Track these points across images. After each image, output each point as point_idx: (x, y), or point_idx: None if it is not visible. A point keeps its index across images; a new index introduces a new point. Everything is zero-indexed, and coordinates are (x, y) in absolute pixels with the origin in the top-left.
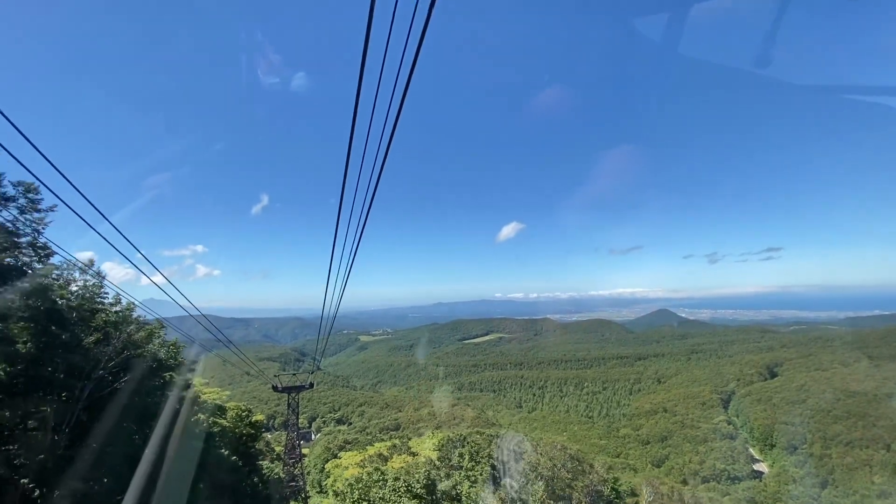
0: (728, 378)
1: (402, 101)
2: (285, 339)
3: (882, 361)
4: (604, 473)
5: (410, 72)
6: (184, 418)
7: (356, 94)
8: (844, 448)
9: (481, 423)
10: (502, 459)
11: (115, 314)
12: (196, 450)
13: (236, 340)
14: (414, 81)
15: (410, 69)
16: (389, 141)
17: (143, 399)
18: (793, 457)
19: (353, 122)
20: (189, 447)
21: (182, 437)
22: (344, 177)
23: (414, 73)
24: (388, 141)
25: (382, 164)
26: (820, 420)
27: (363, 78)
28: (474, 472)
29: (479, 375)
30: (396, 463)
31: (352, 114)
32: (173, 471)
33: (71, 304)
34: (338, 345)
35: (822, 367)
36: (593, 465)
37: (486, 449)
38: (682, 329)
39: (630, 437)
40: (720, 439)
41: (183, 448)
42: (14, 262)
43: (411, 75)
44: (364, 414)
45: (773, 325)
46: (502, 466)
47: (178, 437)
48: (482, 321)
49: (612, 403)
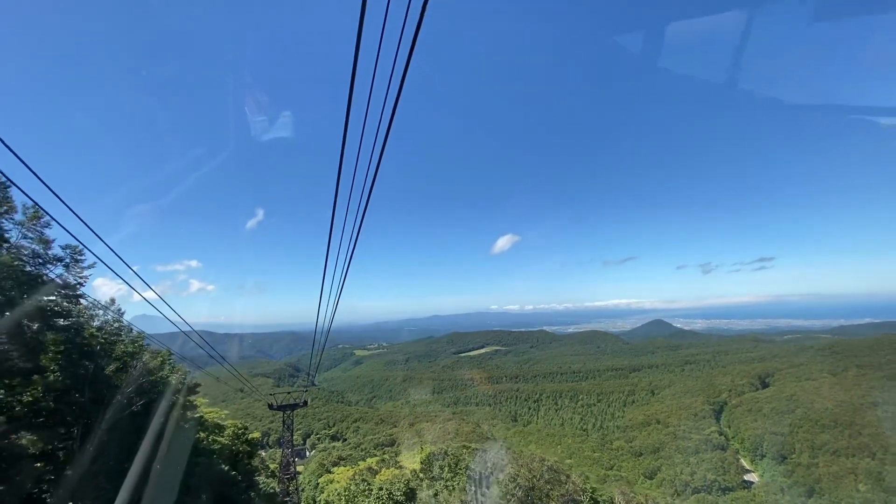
0: (720, 389)
1: (392, 112)
2: (280, 354)
3: (869, 370)
4: (581, 484)
5: (400, 85)
6: (190, 437)
7: (346, 107)
8: (831, 457)
9: (476, 437)
10: (479, 470)
11: (132, 345)
12: (201, 465)
13: (230, 356)
14: (408, 95)
15: (401, 81)
16: (381, 154)
17: (156, 420)
18: (782, 466)
19: (344, 136)
20: (194, 463)
21: (189, 454)
22: (336, 190)
23: (406, 87)
24: (380, 154)
25: (374, 176)
26: (808, 429)
27: (353, 90)
28: (453, 482)
29: (475, 389)
30: (384, 476)
31: (342, 127)
32: (181, 484)
33: (97, 338)
34: (333, 359)
35: (811, 377)
36: (570, 476)
37: (466, 461)
38: (675, 340)
39: (623, 450)
40: (711, 450)
41: (190, 464)
42: (58, 308)
43: (401, 89)
44: (359, 430)
45: (766, 335)
46: (478, 477)
47: (185, 454)
48: (478, 334)
49: (606, 416)
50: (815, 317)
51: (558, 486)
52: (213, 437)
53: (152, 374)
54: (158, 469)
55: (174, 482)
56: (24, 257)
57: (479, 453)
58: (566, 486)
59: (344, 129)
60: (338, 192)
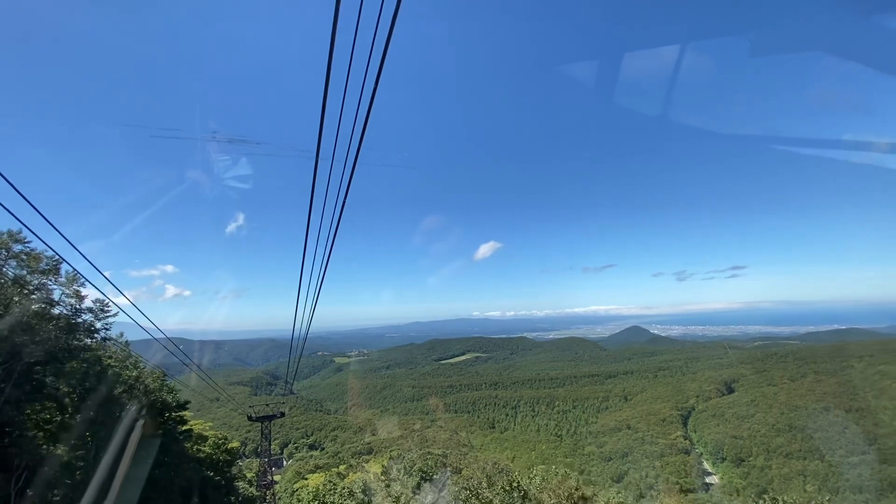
0: (689, 395)
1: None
2: (257, 361)
3: (824, 376)
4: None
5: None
6: (182, 447)
7: (321, 108)
8: (784, 459)
9: (453, 444)
10: (430, 473)
11: (135, 369)
12: (191, 471)
13: (206, 364)
14: (390, 99)
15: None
16: (356, 157)
17: (156, 434)
18: (739, 469)
19: (319, 136)
20: (187, 469)
21: (182, 462)
22: (311, 193)
23: (387, 90)
24: (355, 157)
25: (350, 180)
26: (765, 433)
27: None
28: (406, 483)
29: (455, 396)
30: (351, 479)
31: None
32: (177, 487)
33: (113, 368)
34: (312, 367)
35: (772, 383)
36: (515, 475)
37: (419, 464)
38: (651, 346)
39: (594, 455)
40: (676, 454)
41: (181, 470)
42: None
43: (375, 88)
44: (337, 438)
45: (738, 341)
46: (432, 479)
47: (178, 462)
48: (459, 340)
49: (580, 422)
50: (785, 323)
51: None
52: (198, 446)
53: (153, 393)
54: (157, 473)
55: (169, 486)
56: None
57: (437, 458)
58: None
59: (318, 133)
60: (313, 196)
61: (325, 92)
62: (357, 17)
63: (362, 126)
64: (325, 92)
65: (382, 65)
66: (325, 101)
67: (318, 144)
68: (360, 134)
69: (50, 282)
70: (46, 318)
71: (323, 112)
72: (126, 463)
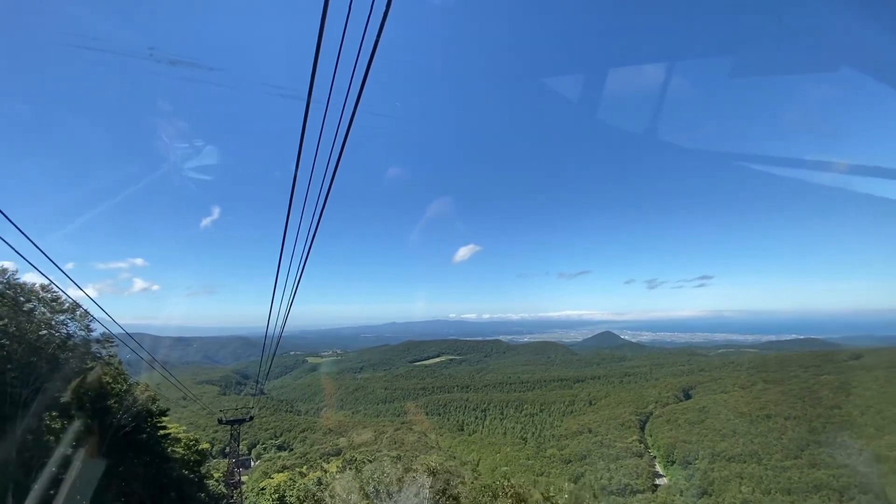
0: (648, 400)
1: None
2: (227, 359)
3: (772, 385)
4: (477, 486)
5: (361, 85)
6: (163, 449)
7: (305, 106)
8: (726, 462)
9: (422, 446)
10: (383, 477)
11: (125, 382)
12: (169, 470)
13: (174, 361)
14: (371, 98)
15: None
16: (339, 157)
17: (139, 437)
18: (685, 471)
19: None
20: (167, 468)
21: (162, 462)
22: (292, 190)
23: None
24: (338, 157)
25: (332, 178)
26: (711, 438)
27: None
28: (355, 480)
29: (427, 399)
30: (310, 477)
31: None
32: (159, 482)
33: (109, 385)
34: (284, 366)
35: (725, 390)
36: (465, 482)
37: (372, 466)
38: (620, 352)
39: (555, 457)
40: (630, 457)
41: (161, 469)
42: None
43: (362, 88)
44: (306, 440)
45: (703, 348)
46: (383, 480)
47: (159, 462)
48: (434, 343)
49: (546, 425)
50: (748, 332)
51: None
52: (173, 448)
53: (140, 403)
54: (141, 472)
55: (153, 481)
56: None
57: (392, 461)
58: (458, 489)
59: (301, 131)
60: (293, 193)
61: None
62: (345, 20)
63: (346, 126)
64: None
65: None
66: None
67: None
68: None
69: (68, 319)
70: (64, 347)
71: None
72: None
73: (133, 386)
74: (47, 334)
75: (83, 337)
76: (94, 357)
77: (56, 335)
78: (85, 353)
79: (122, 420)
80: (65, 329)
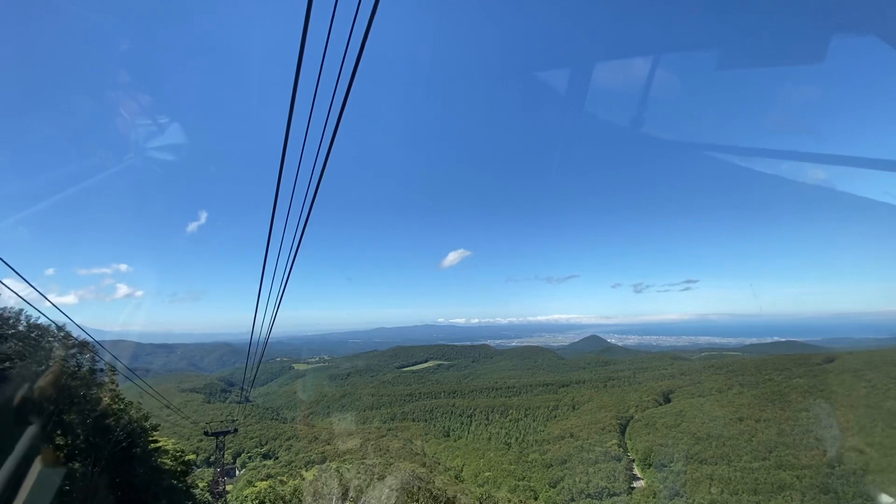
0: (629, 404)
1: (339, 115)
2: (212, 367)
3: (747, 388)
4: (450, 493)
5: (347, 89)
6: (154, 461)
7: (289, 108)
8: (698, 465)
9: (406, 453)
10: (358, 482)
11: (121, 402)
12: (161, 479)
13: (157, 369)
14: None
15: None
16: (325, 161)
17: (136, 452)
18: (661, 474)
19: (286, 140)
20: (158, 478)
21: (153, 473)
22: (276, 192)
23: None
24: (325, 159)
25: (319, 181)
26: (686, 441)
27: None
28: (327, 486)
29: (414, 405)
30: (289, 485)
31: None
32: (152, 493)
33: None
34: (270, 373)
35: (702, 394)
36: (434, 485)
37: (350, 474)
38: (606, 356)
39: (537, 462)
40: (608, 461)
41: (153, 480)
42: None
43: (348, 92)
44: (292, 448)
45: (687, 351)
46: (358, 486)
47: (151, 473)
48: (422, 348)
49: (529, 430)
50: (732, 335)
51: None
52: (161, 459)
53: (135, 422)
54: (137, 482)
55: (147, 491)
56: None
57: (368, 467)
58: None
59: (286, 133)
60: (277, 196)
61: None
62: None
63: (333, 129)
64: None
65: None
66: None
67: (283, 148)
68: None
69: (79, 354)
70: (75, 378)
71: (291, 111)
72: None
73: (129, 405)
74: (61, 367)
75: (89, 367)
76: (97, 384)
77: (67, 367)
78: (90, 382)
79: (119, 436)
80: (74, 361)
